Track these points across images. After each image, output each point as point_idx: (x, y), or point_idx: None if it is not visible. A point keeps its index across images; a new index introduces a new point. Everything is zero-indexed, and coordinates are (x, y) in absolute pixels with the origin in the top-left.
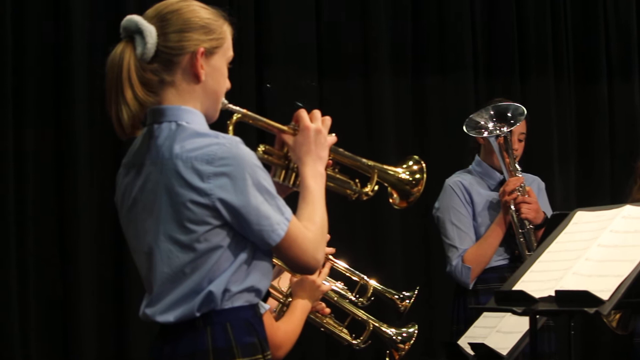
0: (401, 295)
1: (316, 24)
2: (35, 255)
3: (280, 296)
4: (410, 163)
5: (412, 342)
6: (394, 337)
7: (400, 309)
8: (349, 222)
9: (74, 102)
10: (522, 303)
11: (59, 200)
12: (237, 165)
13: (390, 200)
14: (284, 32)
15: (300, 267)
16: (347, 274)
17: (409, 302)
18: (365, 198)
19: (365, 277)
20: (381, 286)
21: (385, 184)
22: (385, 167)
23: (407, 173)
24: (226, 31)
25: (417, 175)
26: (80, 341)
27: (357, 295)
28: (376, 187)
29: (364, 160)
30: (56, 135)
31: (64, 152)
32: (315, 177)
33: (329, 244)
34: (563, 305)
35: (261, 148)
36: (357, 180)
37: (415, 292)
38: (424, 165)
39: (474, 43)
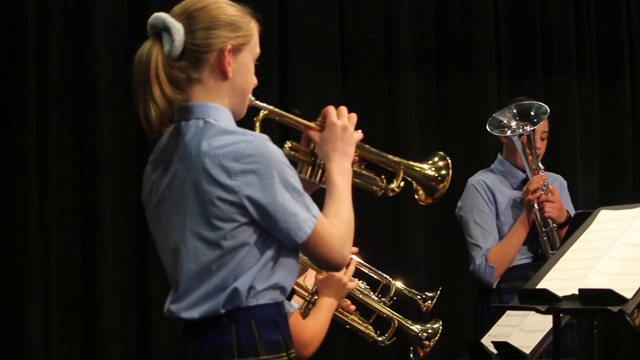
0: (424, 296)
1: (340, 22)
2: (58, 254)
3: (306, 294)
4: (436, 159)
5: (436, 338)
6: (420, 334)
7: (422, 309)
8: (372, 222)
9: (97, 101)
10: (545, 301)
11: (81, 199)
12: (265, 163)
13: (416, 197)
14: (307, 30)
15: (327, 264)
16: (370, 273)
17: (432, 303)
18: (391, 194)
19: (388, 277)
20: (404, 286)
21: (411, 180)
22: (411, 163)
23: (433, 169)
24: (253, 28)
25: (443, 172)
26: (103, 339)
27: (380, 295)
28: (402, 184)
29: (390, 156)
30: (79, 136)
31: (86, 152)
32: (341, 174)
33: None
34: (586, 304)
35: (288, 144)
36: (383, 177)
37: (438, 293)
38: (449, 161)
39: (497, 42)
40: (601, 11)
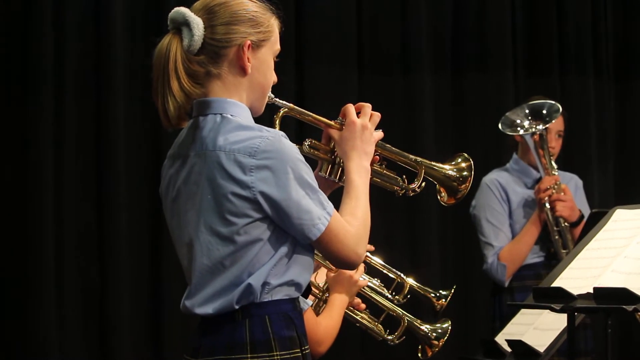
0: (438, 294)
1: (357, 19)
2: (74, 247)
3: (317, 291)
4: (459, 160)
5: (445, 338)
6: (429, 334)
7: (436, 308)
8: (387, 220)
9: (113, 94)
10: (560, 300)
11: (97, 193)
12: (279, 159)
13: (439, 197)
14: (324, 27)
15: (342, 261)
16: (384, 271)
17: (446, 301)
18: (412, 194)
19: (402, 275)
20: (418, 284)
21: (433, 181)
22: (433, 163)
23: (455, 170)
24: (273, 24)
25: (465, 173)
26: (115, 333)
27: (394, 293)
28: (423, 184)
29: (411, 156)
30: (96, 129)
31: (103, 147)
32: (359, 172)
33: None
34: (601, 303)
35: (307, 142)
36: (404, 177)
37: (452, 291)
38: (472, 162)
39: (513, 41)
40: (618, 11)
